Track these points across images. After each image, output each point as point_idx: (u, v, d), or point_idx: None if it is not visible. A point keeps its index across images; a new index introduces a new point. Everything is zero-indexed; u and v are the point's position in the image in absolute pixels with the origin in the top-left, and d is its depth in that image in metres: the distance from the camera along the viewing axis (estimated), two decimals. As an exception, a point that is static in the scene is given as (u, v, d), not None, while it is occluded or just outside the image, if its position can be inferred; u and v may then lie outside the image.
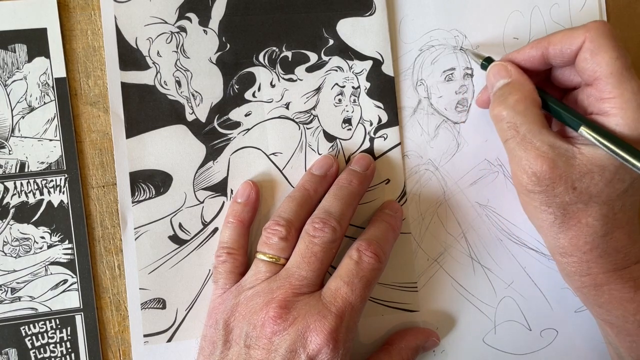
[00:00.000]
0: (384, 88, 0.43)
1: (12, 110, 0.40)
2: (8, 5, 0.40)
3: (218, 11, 0.42)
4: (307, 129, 0.43)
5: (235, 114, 0.42)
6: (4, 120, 0.40)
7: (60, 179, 0.41)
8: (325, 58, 0.43)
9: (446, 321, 0.44)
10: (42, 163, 0.40)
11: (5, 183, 0.40)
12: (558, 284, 0.44)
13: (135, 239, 0.41)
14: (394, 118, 0.43)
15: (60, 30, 0.41)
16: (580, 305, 0.45)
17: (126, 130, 0.41)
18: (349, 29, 0.43)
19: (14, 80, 0.40)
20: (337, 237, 0.38)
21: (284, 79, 0.43)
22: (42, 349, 0.40)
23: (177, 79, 0.42)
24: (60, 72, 0.41)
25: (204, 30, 0.42)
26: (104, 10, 0.41)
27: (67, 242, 0.41)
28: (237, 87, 0.42)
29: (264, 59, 0.42)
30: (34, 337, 0.40)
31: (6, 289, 0.40)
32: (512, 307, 0.44)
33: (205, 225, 0.42)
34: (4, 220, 0.40)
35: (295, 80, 0.43)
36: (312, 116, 0.43)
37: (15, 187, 0.40)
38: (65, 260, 0.41)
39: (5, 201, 0.40)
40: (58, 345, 0.40)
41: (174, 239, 0.41)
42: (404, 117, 0.44)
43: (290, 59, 0.43)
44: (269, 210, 0.42)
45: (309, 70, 0.43)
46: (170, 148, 0.41)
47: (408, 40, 0.44)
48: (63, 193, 0.41)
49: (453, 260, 0.44)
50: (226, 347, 0.37)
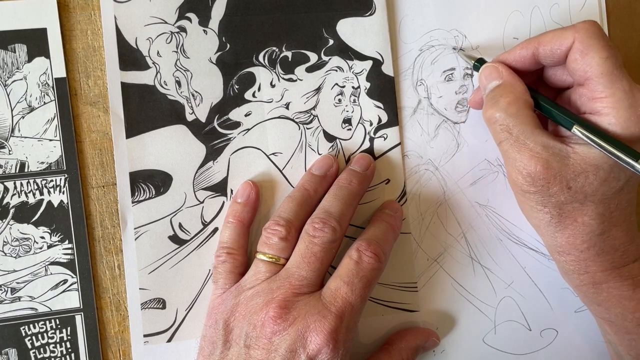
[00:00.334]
0: (384, 88, 0.43)
1: (12, 110, 0.40)
2: (8, 5, 0.40)
3: (218, 11, 0.42)
4: (307, 129, 0.43)
5: (235, 114, 0.42)
6: (4, 120, 0.40)
7: (60, 179, 0.41)
8: (325, 58, 0.43)
9: (446, 321, 0.44)
10: (42, 163, 0.40)
11: (5, 183, 0.40)
12: (558, 284, 0.44)
13: (135, 239, 0.41)
14: (394, 118, 0.43)
15: (60, 30, 0.41)
16: (580, 305, 0.45)
17: (126, 130, 0.41)
18: (349, 29, 0.43)
19: (14, 80, 0.40)
20: (337, 237, 0.38)
21: (284, 79, 0.43)
22: (42, 349, 0.40)
23: (177, 79, 0.42)
24: (60, 72, 0.41)
25: (204, 30, 0.42)
26: (104, 10, 0.41)
27: (67, 242, 0.41)
28: (237, 87, 0.42)
29: (264, 59, 0.42)
30: (34, 337, 0.40)
31: (6, 289, 0.40)
32: (512, 307, 0.44)
33: (205, 225, 0.42)
34: (4, 220, 0.40)
35: (295, 80, 0.43)
36: (312, 116, 0.43)
37: (15, 187, 0.40)
38: (65, 260, 0.41)
39: (5, 201, 0.40)
40: (58, 345, 0.40)
41: (174, 239, 0.41)
42: (404, 117, 0.44)
43: (290, 59, 0.43)
44: (269, 210, 0.42)
45: (309, 70, 0.43)
46: (170, 148, 0.41)
47: (408, 40, 0.44)
48: (63, 193, 0.41)
49: (453, 260, 0.44)
50: (226, 347, 0.37)
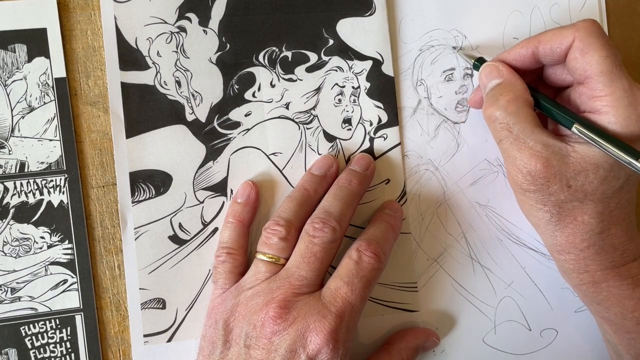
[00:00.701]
0: (384, 88, 0.43)
1: (12, 110, 0.40)
2: (8, 5, 0.40)
3: (218, 11, 0.42)
4: (307, 129, 0.43)
5: (235, 114, 0.42)
6: (4, 120, 0.40)
7: (60, 179, 0.41)
8: (325, 58, 0.43)
9: (446, 321, 0.44)
10: (42, 163, 0.40)
11: (5, 183, 0.40)
12: (558, 284, 0.44)
13: (135, 239, 0.41)
14: (394, 118, 0.43)
15: (60, 30, 0.41)
16: (580, 305, 0.45)
17: (126, 130, 0.41)
18: (349, 29, 0.43)
19: (14, 80, 0.40)
20: (337, 237, 0.38)
21: (284, 79, 0.43)
22: (42, 349, 0.40)
23: (177, 79, 0.42)
24: (60, 72, 0.41)
25: (204, 30, 0.42)
26: (104, 10, 0.41)
27: (67, 242, 0.41)
28: (237, 87, 0.42)
29: (264, 59, 0.42)
30: (34, 337, 0.40)
31: (6, 289, 0.40)
32: (512, 307, 0.44)
33: (205, 225, 0.42)
34: (4, 220, 0.40)
35: (295, 80, 0.43)
36: (312, 116, 0.43)
37: (15, 187, 0.40)
38: (65, 260, 0.41)
39: (5, 201, 0.40)
40: (58, 345, 0.40)
41: (174, 239, 0.41)
42: (404, 117, 0.44)
43: (290, 59, 0.43)
44: (269, 210, 0.42)
45: (309, 70, 0.43)
46: (170, 148, 0.41)
47: (408, 40, 0.44)
48: (63, 193, 0.41)
49: (453, 260, 0.44)
50: (226, 347, 0.37)
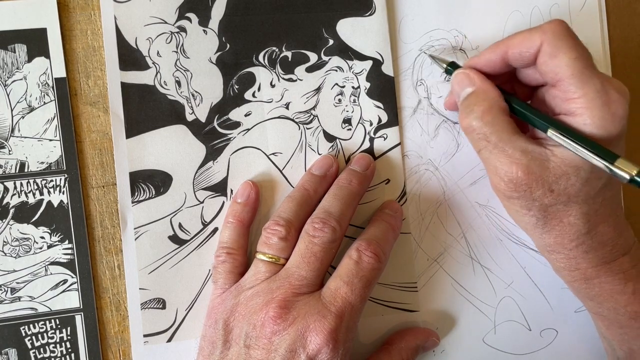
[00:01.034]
0: (384, 88, 0.43)
1: (12, 110, 0.40)
2: (8, 5, 0.40)
3: (218, 11, 0.42)
4: (307, 129, 0.43)
5: (235, 114, 0.42)
6: (4, 120, 0.40)
7: (60, 179, 0.41)
8: (325, 58, 0.43)
9: (446, 321, 0.44)
10: (42, 163, 0.40)
11: (5, 183, 0.40)
12: (558, 284, 0.44)
13: (135, 239, 0.41)
14: (394, 118, 0.43)
15: (60, 30, 0.41)
16: (580, 305, 0.45)
17: (126, 130, 0.41)
18: (349, 29, 0.43)
19: (14, 80, 0.40)
20: (337, 237, 0.38)
21: (284, 79, 0.43)
22: (42, 349, 0.40)
23: (177, 79, 0.42)
24: (60, 72, 0.41)
25: (204, 30, 0.42)
26: (104, 10, 0.41)
27: (67, 242, 0.41)
28: (237, 87, 0.42)
29: (264, 59, 0.42)
30: (33, 337, 0.40)
31: (6, 289, 0.40)
32: (512, 307, 0.44)
33: (205, 225, 0.42)
34: (4, 220, 0.40)
35: (295, 80, 0.43)
36: (312, 116, 0.43)
37: (15, 187, 0.40)
38: (65, 260, 0.41)
39: (5, 201, 0.40)
40: (58, 345, 0.40)
41: (174, 239, 0.41)
42: (404, 117, 0.44)
43: (290, 59, 0.43)
44: (269, 210, 0.42)
45: (309, 70, 0.43)
46: (170, 148, 0.41)
47: (408, 40, 0.44)
48: (63, 193, 0.41)
49: (453, 260, 0.44)
50: (226, 347, 0.37)
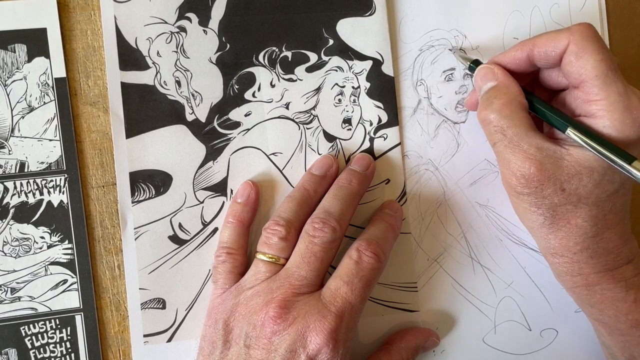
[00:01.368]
0: (384, 88, 0.43)
1: (12, 110, 0.40)
2: (8, 5, 0.40)
3: (218, 11, 0.42)
4: (307, 129, 0.43)
5: (235, 114, 0.42)
6: (4, 120, 0.40)
7: (60, 179, 0.41)
8: (325, 58, 0.43)
9: (446, 321, 0.44)
10: (42, 163, 0.40)
11: (5, 183, 0.40)
12: (558, 284, 0.44)
13: (135, 239, 0.41)
14: (394, 118, 0.43)
15: (60, 30, 0.41)
16: (580, 305, 0.45)
17: (126, 130, 0.41)
18: (349, 29, 0.43)
19: (14, 80, 0.40)
20: (337, 237, 0.38)
21: (284, 79, 0.43)
22: (42, 349, 0.40)
23: (177, 79, 0.42)
24: (60, 72, 0.41)
25: (204, 30, 0.42)
26: (104, 10, 0.41)
27: (67, 242, 0.41)
28: (237, 87, 0.42)
29: (264, 59, 0.42)
30: (33, 337, 0.40)
31: (6, 289, 0.40)
32: (512, 307, 0.44)
33: (205, 225, 0.42)
34: (4, 220, 0.40)
35: (295, 80, 0.43)
36: (312, 116, 0.43)
37: (15, 187, 0.40)
38: (65, 260, 0.41)
39: (5, 201, 0.40)
40: (58, 345, 0.40)
41: (174, 239, 0.41)
42: (404, 117, 0.44)
43: (290, 59, 0.43)
44: (269, 210, 0.42)
45: (309, 70, 0.43)
46: (170, 148, 0.41)
47: (408, 40, 0.44)
48: (63, 193, 0.41)
49: (453, 260, 0.44)
50: (226, 347, 0.37)
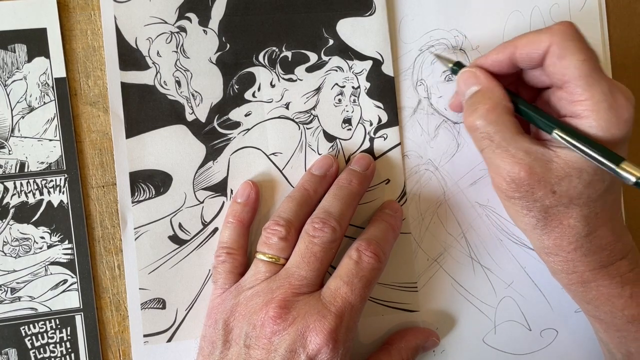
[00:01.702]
0: (384, 88, 0.43)
1: (12, 110, 0.40)
2: (8, 5, 0.40)
3: (218, 11, 0.42)
4: (307, 129, 0.43)
5: (235, 114, 0.42)
6: (4, 120, 0.40)
7: (60, 179, 0.41)
8: (325, 58, 0.43)
9: (446, 321, 0.44)
10: (42, 163, 0.40)
11: (5, 183, 0.40)
12: (558, 284, 0.44)
13: (135, 239, 0.41)
14: (394, 118, 0.43)
15: (60, 30, 0.41)
16: (580, 305, 0.45)
17: (126, 130, 0.41)
18: (349, 29, 0.43)
19: (14, 80, 0.40)
20: (337, 237, 0.38)
21: (284, 79, 0.43)
22: (42, 349, 0.40)
23: (177, 79, 0.42)
24: (60, 72, 0.41)
25: (204, 30, 0.42)
26: (104, 10, 0.41)
27: (67, 242, 0.41)
28: (237, 87, 0.42)
29: (264, 59, 0.42)
30: (33, 337, 0.40)
31: (6, 289, 0.40)
32: (512, 307, 0.44)
33: (205, 225, 0.42)
34: (4, 220, 0.40)
35: (295, 80, 0.43)
36: (312, 116, 0.43)
37: (15, 187, 0.40)
38: (65, 260, 0.41)
39: (5, 201, 0.40)
40: (58, 345, 0.40)
41: (174, 239, 0.41)
42: (404, 117, 0.44)
43: (290, 59, 0.43)
44: (269, 210, 0.42)
45: (309, 70, 0.43)
46: (170, 148, 0.41)
47: (408, 40, 0.44)
48: (63, 193, 0.41)
49: (453, 260, 0.44)
50: (226, 347, 0.37)
